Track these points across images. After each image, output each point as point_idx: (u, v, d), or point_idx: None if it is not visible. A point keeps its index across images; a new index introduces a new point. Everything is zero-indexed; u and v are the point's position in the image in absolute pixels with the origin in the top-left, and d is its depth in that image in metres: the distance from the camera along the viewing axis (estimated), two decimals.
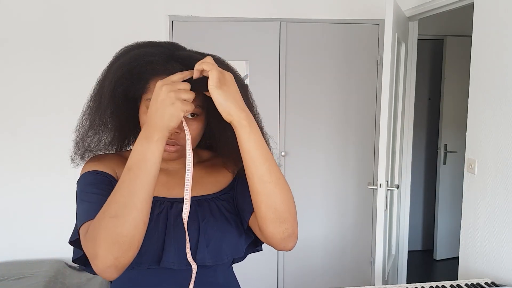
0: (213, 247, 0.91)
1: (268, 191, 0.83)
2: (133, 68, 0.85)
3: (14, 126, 2.82)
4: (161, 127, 0.76)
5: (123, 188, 0.76)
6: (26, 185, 2.85)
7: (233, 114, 0.79)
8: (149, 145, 0.77)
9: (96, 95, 0.92)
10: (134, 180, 0.76)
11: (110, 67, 0.91)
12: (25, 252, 2.86)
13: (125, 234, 0.73)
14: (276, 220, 0.84)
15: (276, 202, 0.83)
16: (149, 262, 0.87)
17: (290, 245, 0.88)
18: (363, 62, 3.09)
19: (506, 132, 1.88)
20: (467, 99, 2.16)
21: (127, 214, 0.74)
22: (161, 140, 0.77)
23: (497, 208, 1.93)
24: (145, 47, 0.90)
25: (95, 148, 0.94)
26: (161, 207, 0.91)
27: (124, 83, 0.85)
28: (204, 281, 0.94)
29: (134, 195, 0.75)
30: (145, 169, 0.76)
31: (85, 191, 0.87)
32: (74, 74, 2.79)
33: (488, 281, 1.72)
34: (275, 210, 0.83)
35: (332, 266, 3.22)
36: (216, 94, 0.78)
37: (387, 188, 2.43)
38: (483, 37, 2.04)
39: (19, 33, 2.76)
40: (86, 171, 0.92)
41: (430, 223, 4.09)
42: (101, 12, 2.81)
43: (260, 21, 2.94)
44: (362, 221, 3.23)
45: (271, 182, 0.83)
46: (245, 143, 0.81)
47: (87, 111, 0.93)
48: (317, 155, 3.11)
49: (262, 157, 0.82)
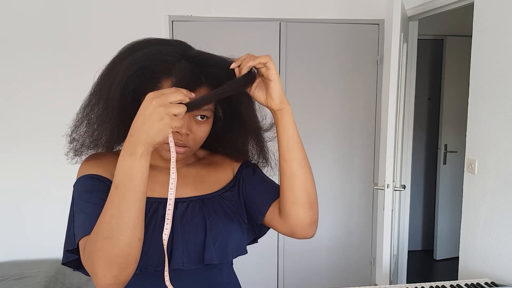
0: (219, 246, 0.91)
1: (305, 175, 0.90)
2: (146, 67, 0.83)
3: (15, 126, 2.82)
4: (146, 141, 0.74)
5: (112, 208, 0.75)
6: (26, 185, 2.85)
7: (285, 101, 0.87)
8: (134, 161, 0.74)
9: (99, 92, 0.88)
10: (123, 199, 0.74)
11: (116, 63, 0.88)
12: (25, 252, 2.86)
13: (120, 255, 0.73)
14: (307, 204, 0.90)
15: (310, 187, 0.90)
16: (157, 264, 0.86)
17: (313, 232, 0.93)
18: (363, 62, 3.09)
19: (506, 132, 1.88)
20: (467, 99, 2.16)
21: (120, 234, 0.73)
22: (145, 154, 0.75)
23: (497, 208, 1.93)
24: (156, 45, 0.88)
25: (91, 144, 0.91)
26: (164, 209, 0.90)
27: (136, 81, 0.83)
28: (213, 282, 0.94)
29: (124, 215, 0.74)
30: (132, 187, 0.75)
31: (82, 199, 0.86)
32: (74, 74, 2.79)
33: (488, 281, 1.72)
34: (308, 194, 0.90)
35: (332, 266, 3.22)
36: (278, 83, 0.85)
37: (394, 188, 2.41)
38: (483, 37, 2.04)
39: (19, 33, 2.76)
40: (82, 175, 0.90)
41: (430, 223, 4.08)
42: (101, 12, 2.80)
43: (260, 21, 2.94)
44: (362, 221, 3.23)
45: (307, 167, 0.90)
46: (289, 128, 0.88)
47: (88, 107, 0.90)
48: (316, 155, 3.11)
49: (300, 143, 0.90)
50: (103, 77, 0.89)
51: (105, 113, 0.87)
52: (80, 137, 0.91)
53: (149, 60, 0.83)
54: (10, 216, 2.87)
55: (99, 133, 0.89)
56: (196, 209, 0.91)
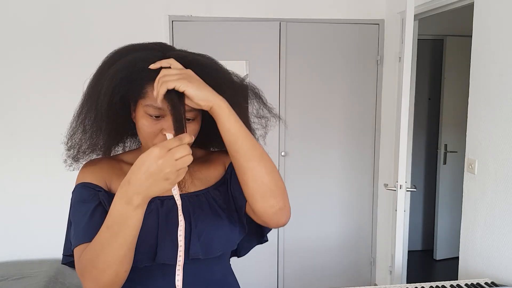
0: (204, 240, 0.92)
1: (253, 166, 0.85)
2: (129, 74, 0.84)
3: (14, 126, 2.82)
4: (146, 195, 0.74)
5: (102, 245, 0.77)
6: (26, 185, 2.85)
7: (211, 99, 0.81)
8: (128, 210, 0.75)
9: (89, 100, 0.90)
10: (114, 239, 0.76)
11: (101, 71, 0.90)
12: (25, 252, 2.86)
13: (108, 284, 0.78)
14: (265, 195, 0.86)
15: (262, 176, 0.85)
16: (145, 260, 0.88)
17: (283, 220, 0.90)
18: (363, 62, 3.09)
19: (506, 132, 1.88)
20: (467, 99, 2.15)
21: (107, 268, 0.77)
22: (142, 206, 0.75)
23: (497, 208, 1.93)
24: (137, 51, 0.89)
25: (88, 149, 0.93)
26: (151, 206, 0.92)
27: (121, 90, 0.85)
28: (199, 277, 0.94)
29: (114, 253, 0.76)
30: (124, 232, 0.76)
31: (76, 209, 0.90)
32: (74, 74, 2.79)
33: (488, 281, 1.72)
34: (262, 184, 0.86)
35: (332, 266, 3.22)
36: (189, 89, 0.79)
37: (406, 189, 2.40)
38: (483, 37, 2.04)
39: (18, 33, 2.76)
40: (78, 182, 0.93)
41: (430, 223, 4.08)
42: (101, 12, 2.81)
43: (260, 21, 2.94)
44: (362, 221, 3.23)
45: (255, 157, 0.85)
46: (226, 123, 0.83)
47: (81, 116, 0.92)
48: (316, 155, 3.11)
49: (244, 134, 0.84)
50: (91, 87, 0.91)
51: (97, 121, 0.89)
52: (76, 144, 0.93)
53: (131, 68, 0.84)
54: (10, 216, 2.87)
55: (95, 140, 0.91)
56: (182, 206, 0.91)
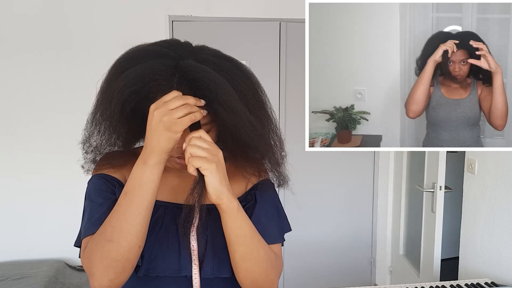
0: (218, 260, 0.88)
1: (248, 266, 0.85)
2: (139, 90, 0.79)
3: (15, 126, 2.82)
4: (158, 150, 0.76)
5: (119, 212, 0.78)
6: (26, 185, 2.85)
7: (224, 197, 0.79)
8: (145, 169, 0.77)
9: (102, 106, 0.85)
10: (130, 206, 0.77)
11: (112, 80, 0.84)
12: (25, 252, 2.86)
13: (119, 259, 0.76)
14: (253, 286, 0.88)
15: (254, 275, 0.87)
16: (159, 269, 0.85)
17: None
18: None
19: None
20: None
21: (121, 239, 0.76)
22: (158, 164, 0.77)
23: (497, 208, 1.93)
24: (149, 57, 0.82)
25: (107, 148, 0.91)
26: (169, 213, 0.90)
27: (131, 103, 0.81)
28: None
29: (129, 221, 0.77)
30: (140, 194, 0.77)
31: (90, 198, 0.88)
32: (75, 74, 2.79)
33: (488, 281, 1.72)
34: (252, 281, 0.87)
35: (332, 266, 3.22)
36: (211, 178, 0.76)
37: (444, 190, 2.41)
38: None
39: (20, 34, 2.76)
40: (95, 173, 0.92)
41: None
42: (101, 12, 2.80)
43: (260, 21, 2.94)
44: (362, 221, 3.23)
45: (252, 259, 0.85)
46: (231, 224, 0.82)
47: (95, 119, 0.87)
48: (316, 155, 3.11)
49: (245, 237, 0.84)
50: (102, 93, 0.86)
51: (111, 127, 0.86)
52: (94, 148, 0.90)
53: (141, 83, 0.79)
54: (10, 216, 2.86)
55: (113, 140, 0.89)
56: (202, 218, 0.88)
